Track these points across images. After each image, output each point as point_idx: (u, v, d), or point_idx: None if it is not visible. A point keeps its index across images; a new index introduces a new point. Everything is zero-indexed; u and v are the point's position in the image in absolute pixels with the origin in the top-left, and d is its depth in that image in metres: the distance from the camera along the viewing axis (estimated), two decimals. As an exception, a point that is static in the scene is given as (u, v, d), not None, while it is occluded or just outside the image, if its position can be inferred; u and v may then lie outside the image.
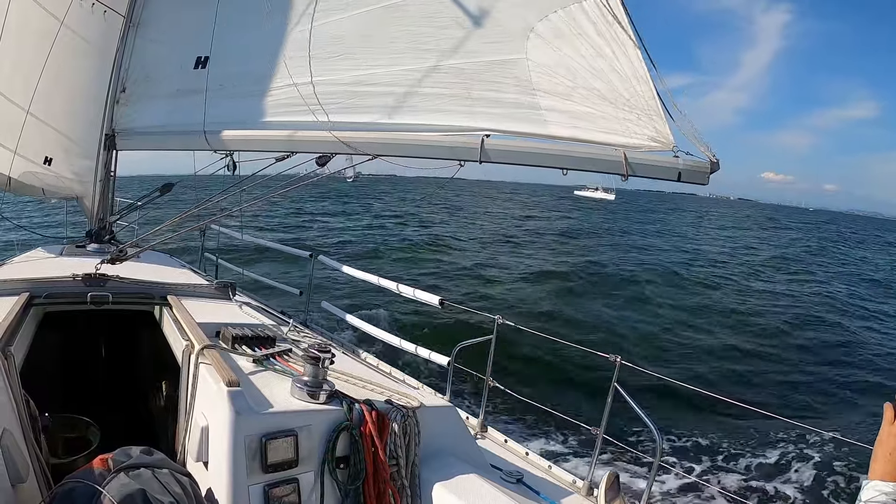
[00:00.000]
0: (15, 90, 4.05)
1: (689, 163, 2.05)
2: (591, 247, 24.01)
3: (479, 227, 27.31)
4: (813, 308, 15.33)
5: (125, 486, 1.26)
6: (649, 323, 12.19)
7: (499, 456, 2.89)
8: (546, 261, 18.98)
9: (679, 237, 34.93)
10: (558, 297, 13.57)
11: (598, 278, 16.24)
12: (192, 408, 1.97)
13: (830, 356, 11.29)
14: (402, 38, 2.81)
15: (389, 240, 21.85)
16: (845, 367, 10.73)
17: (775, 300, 16.08)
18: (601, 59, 2.18)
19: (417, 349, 4.09)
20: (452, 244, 21.31)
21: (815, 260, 28.35)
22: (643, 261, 20.81)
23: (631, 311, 13.07)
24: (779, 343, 11.72)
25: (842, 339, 12.64)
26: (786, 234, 46.89)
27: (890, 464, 1.06)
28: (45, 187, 4.36)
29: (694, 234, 39.81)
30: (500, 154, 2.44)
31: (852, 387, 9.58)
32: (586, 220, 40.90)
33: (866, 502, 1.05)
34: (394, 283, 4.42)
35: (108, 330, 3.22)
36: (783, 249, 31.41)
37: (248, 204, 3.47)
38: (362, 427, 1.85)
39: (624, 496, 2.32)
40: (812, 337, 12.49)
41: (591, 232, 30.56)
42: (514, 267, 17.02)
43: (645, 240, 30.23)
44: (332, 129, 2.92)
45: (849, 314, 15.46)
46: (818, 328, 13.28)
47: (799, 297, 16.87)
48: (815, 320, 13.94)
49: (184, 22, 3.91)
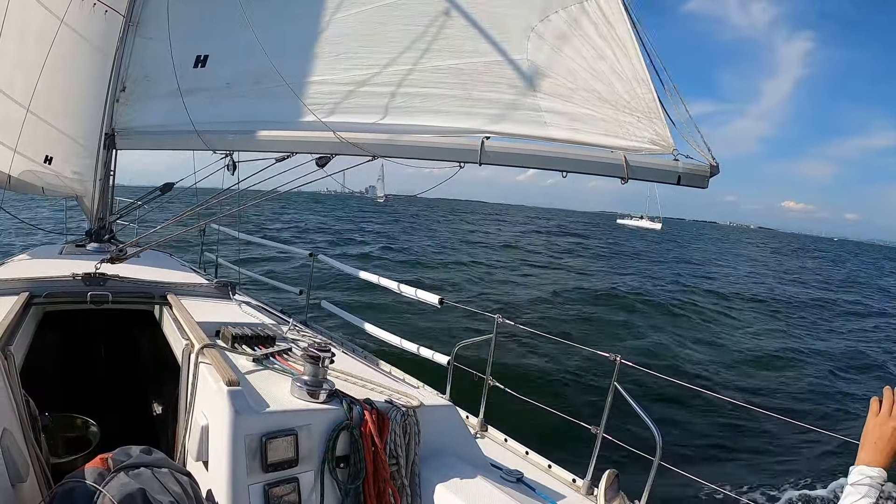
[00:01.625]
0: (15, 88, 4.05)
1: (689, 166, 2.05)
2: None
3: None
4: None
5: (125, 485, 1.26)
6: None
7: (499, 455, 2.89)
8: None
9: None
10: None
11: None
12: (192, 407, 1.98)
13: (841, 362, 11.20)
14: (402, 39, 2.81)
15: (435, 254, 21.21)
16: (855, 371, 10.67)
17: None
18: (602, 61, 2.19)
19: (417, 349, 4.09)
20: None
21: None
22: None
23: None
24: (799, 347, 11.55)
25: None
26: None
27: (875, 452, 1.19)
28: (45, 186, 4.36)
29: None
30: (500, 156, 2.44)
31: (855, 390, 9.57)
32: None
33: (852, 485, 1.19)
34: (394, 283, 4.42)
35: (108, 329, 3.22)
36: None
37: (248, 204, 3.47)
38: (362, 426, 1.86)
39: (623, 495, 2.32)
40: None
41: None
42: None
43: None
44: (332, 130, 2.92)
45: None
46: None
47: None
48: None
49: (183, 21, 3.91)
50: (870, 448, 1.21)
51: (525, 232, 45.39)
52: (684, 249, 44.68)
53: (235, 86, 3.54)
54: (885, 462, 1.19)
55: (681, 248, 46.87)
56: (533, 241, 35.78)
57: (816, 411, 8.32)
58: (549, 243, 34.92)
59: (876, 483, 1.16)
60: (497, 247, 28.62)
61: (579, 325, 11.71)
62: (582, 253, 30.86)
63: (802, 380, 9.80)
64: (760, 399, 8.39)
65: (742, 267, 32.47)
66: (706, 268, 28.80)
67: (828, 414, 8.28)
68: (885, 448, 1.19)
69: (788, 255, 54.20)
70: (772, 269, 33.72)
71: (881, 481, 1.17)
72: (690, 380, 4.80)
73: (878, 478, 1.17)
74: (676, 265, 28.43)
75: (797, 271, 34.96)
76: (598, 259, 28.02)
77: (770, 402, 8.23)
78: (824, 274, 35.55)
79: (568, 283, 17.50)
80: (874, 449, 1.20)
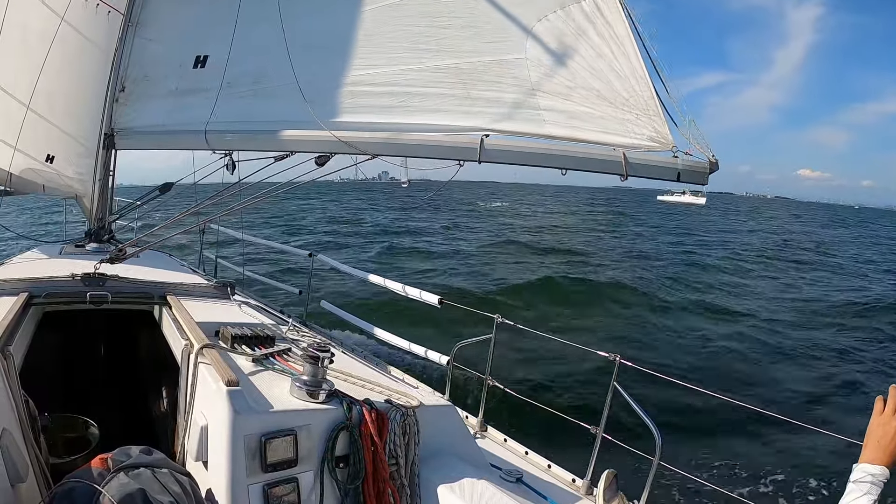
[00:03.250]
0: (17, 86, 4.05)
1: (688, 163, 2.05)
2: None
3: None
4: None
5: (125, 485, 1.26)
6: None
7: (498, 455, 2.89)
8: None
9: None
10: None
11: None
12: (192, 407, 1.97)
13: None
14: (401, 38, 2.81)
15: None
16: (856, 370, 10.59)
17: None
18: (600, 59, 2.19)
19: (417, 348, 4.09)
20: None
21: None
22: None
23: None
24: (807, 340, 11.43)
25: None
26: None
27: (878, 450, 1.21)
28: (45, 184, 4.36)
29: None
30: (500, 154, 2.44)
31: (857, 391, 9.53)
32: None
33: (854, 482, 1.19)
34: (393, 283, 4.42)
35: (108, 330, 3.22)
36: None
37: (248, 203, 3.46)
38: (362, 426, 1.85)
39: (623, 495, 2.32)
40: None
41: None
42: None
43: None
44: (332, 129, 2.91)
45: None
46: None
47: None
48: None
49: (183, 21, 3.91)
50: (873, 446, 1.22)
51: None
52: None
53: (235, 86, 3.54)
54: (888, 460, 1.20)
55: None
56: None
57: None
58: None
59: (878, 481, 1.17)
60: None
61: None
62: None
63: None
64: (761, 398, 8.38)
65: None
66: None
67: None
68: (889, 446, 1.20)
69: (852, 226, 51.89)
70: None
71: (883, 479, 1.18)
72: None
73: (881, 476, 1.17)
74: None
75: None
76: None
77: (770, 402, 8.22)
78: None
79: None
80: (877, 447, 1.21)
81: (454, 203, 48.30)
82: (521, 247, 21.90)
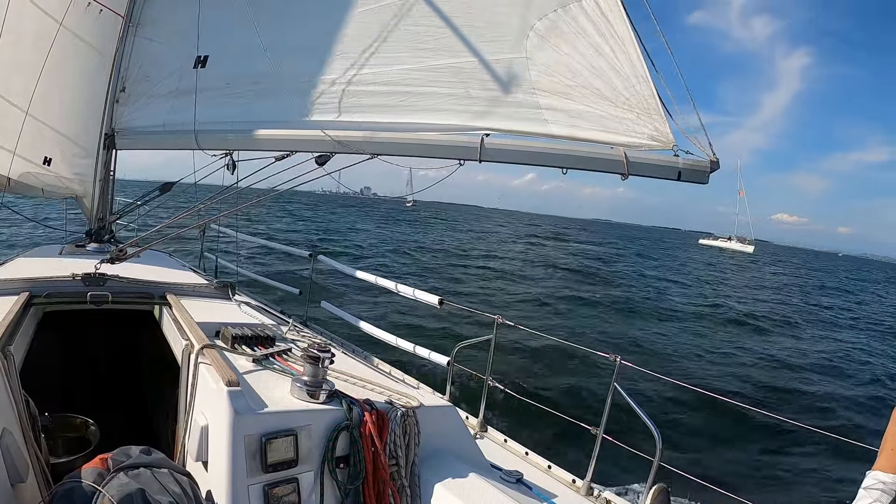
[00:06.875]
0: (13, 91, 4.05)
1: (689, 162, 2.05)
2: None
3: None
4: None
5: (124, 485, 1.26)
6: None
7: (498, 456, 2.89)
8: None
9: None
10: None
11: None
12: (192, 407, 1.97)
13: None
14: (401, 38, 2.81)
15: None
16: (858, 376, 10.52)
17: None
18: (601, 58, 2.18)
19: (417, 349, 4.09)
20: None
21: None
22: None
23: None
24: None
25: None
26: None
27: (892, 458, 1.19)
28: (44, 187, 4.36)
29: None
30: (500, 153, 2.44)
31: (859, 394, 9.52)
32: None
33: (865, 488, 1.19)
34: (393, 283, 4.42)
35: (108, 329, 3.22)
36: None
37: (248, 203, 3.46)
38: (362, 427, 1.85)
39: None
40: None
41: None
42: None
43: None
44: (332, 129, 2.91)
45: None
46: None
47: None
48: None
49: (183, 22, 3.90)
50: (887, 454, 1.22)
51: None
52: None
53: (235, 86, 3.53)
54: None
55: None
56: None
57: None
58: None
59: (889, 489, 1.16)
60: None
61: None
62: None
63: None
64: (761, 398, 8.37)
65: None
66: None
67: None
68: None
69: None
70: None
71: (895, 487, 1.17)
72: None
73: (892, 483, 1.17)
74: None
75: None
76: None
77: (770, 402, 8.22)
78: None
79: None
80: (891, 455, 1.21)
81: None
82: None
